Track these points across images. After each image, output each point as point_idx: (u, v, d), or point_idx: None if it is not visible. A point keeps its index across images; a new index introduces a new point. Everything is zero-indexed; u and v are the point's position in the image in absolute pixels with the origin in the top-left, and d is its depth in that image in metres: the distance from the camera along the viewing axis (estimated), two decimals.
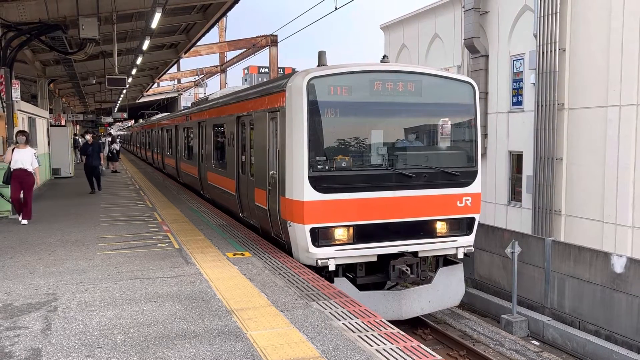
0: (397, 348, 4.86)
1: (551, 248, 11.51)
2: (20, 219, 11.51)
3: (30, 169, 11.43)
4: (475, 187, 9.02)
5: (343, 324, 5.45)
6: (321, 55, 9.01)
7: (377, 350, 4.80)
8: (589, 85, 14.92)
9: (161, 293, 6.47)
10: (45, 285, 6.82)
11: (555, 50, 15.42)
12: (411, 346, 4.92)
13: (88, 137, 17.15)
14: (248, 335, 5.12)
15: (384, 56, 9.33)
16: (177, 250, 8.77)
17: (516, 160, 17.97)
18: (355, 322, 5.50)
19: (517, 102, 17.76)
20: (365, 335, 5.14)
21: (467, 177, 8.96)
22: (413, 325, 10.34)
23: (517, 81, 17.74)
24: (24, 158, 11.34)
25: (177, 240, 9.52)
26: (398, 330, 5.35)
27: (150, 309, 5.89)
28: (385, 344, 4.95)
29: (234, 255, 8.42)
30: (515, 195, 18.05)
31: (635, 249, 13.51)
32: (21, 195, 11.43)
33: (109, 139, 29.16)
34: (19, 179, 11.32)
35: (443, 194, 8.75)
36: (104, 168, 19.06)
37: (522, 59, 17.34)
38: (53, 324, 5.43)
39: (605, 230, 14.34)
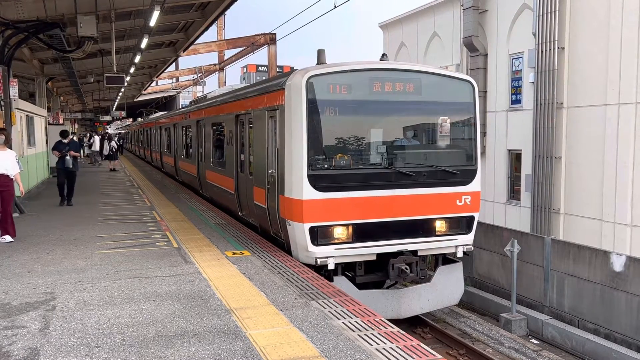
0: (397, 347, 4.85)
1: (550, 247, 11.51)
2: (3, 237, 9.41)
3: (11, 175, 9.50)
4: (474, 185, 9.00)
5: (342, 322, 5.44)
6: (320, 53, 8.97)
7: (376, 349, 4.79)
8: (588, 83, 14.91)
9: (160, 292, 6.45)
10: (43, 284, 6.79)
11: (554, 48, 15.41)
12: (411, 345, 4.91)
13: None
14: (247, 335, 5.10)
15: (383, 54, 9.31)
16: (176, 249, 8.75)
17: (515, 158, 17.97)
18: (355, 321, 5.48)
19: (516, 100, 17.75)
20: (365, 334, 5.13)
21: (466, 176, 8.95)
22: (412, 324, 10.33)
23: (516, 80, 17.72)
24: (4, 162, 9.41)
25: (176, 239, 9.50)
26: (398, 329, 5.33)
27: (149, 308, 5.87)
28: (384, 343, 4.93)
29: (233, 254, 8.40)
30: (514, 193, 18.05)
31: (634, 248, 13.51)
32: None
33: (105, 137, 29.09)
34: None
35: (442, 192, 8.73)
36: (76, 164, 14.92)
37: (521, 57, 17.32)
38: (51, 323, 5.41)
39: (604, 228, 14.34)
